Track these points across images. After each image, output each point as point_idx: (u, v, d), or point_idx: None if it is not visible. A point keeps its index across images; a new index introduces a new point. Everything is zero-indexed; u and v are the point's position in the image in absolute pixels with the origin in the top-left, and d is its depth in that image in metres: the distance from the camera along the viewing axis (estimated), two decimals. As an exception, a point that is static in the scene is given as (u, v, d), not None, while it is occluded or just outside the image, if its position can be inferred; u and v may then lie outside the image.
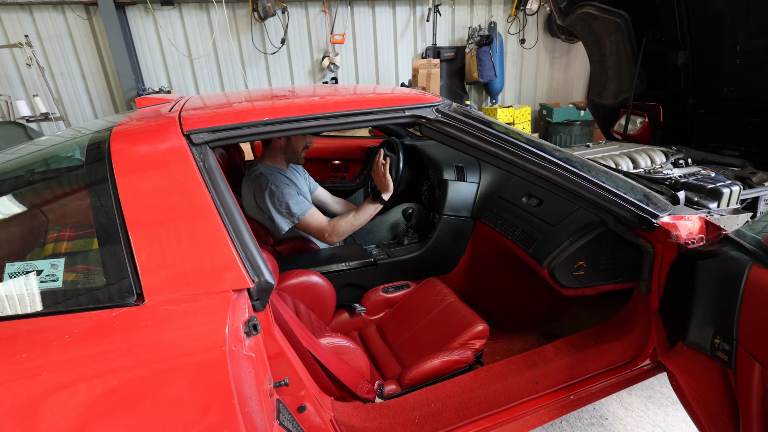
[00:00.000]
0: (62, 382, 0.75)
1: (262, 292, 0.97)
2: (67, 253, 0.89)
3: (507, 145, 1.25)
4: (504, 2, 5.76)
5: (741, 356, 1.07)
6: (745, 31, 2.26)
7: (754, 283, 1.04)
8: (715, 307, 1.16)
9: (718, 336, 1.14)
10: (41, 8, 4.52)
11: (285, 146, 2.03)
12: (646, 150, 2.44)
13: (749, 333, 1.06)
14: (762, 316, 1.02)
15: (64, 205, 0.99)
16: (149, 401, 0.78)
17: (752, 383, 1.03)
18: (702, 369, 1.22)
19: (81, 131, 1.19)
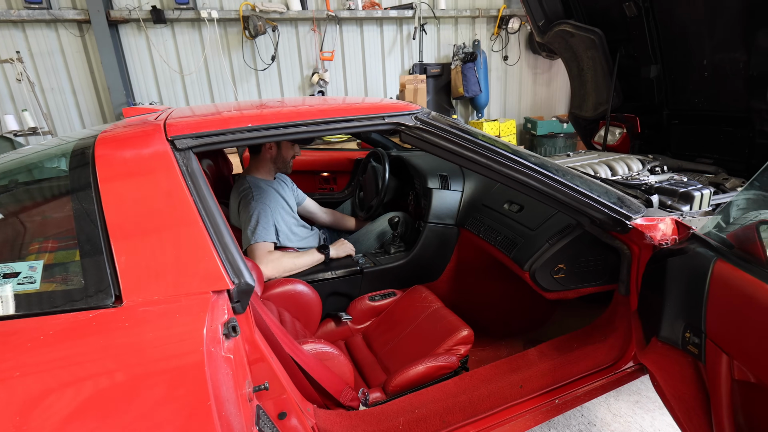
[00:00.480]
0: (35, 384, 0.75)
1: (242, 294, 0.98)
2: (46, 255, 0.90)
3: (484, 151, 1.29)
4: (487, 21, 5.93)
5: (710, 349, 1.10)
6: (710, 46, 2.36)
7: (718, 277, 1.08)
8: (685, 301, 1.20)
9: (688, 330, 1.17)
10: (34, 25, 4.56)
11: (275, 156, 2.08)
12: (623, 158, 2.51)
13: (716, 325, 1.09)
14: (726, 308, 1.06)
15: (46, 208, 1.00)
16: (124, 402, 0.77)
17: (721, 375, 1.06)
18: (675, 364, 1.24)
19: (67, 139, 1.21)
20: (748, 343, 1.02)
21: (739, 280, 1.04)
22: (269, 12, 4.99)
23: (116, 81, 4.69)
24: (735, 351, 1.04)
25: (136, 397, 0.78)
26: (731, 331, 1.05)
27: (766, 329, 0.97)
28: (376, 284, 2.07)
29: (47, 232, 0.97)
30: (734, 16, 2.14)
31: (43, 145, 1.20)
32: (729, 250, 1.11)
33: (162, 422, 0.78)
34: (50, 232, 0.97)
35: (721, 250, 1.12)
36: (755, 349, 1.01)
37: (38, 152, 1.15)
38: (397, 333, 1.83)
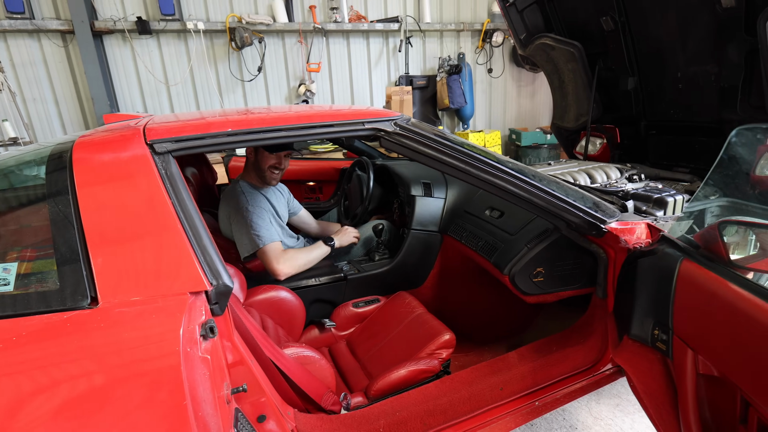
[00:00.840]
0: (8, 385, 0.74)
1: (220, 295, 0.98)
2: (21, 257, 0.90)
3: (462, 156, 1.32)
4: (471, 35, 6.06)
5: (676, 345, 1.13)
6: (683, 59, 2.46)
7: (684, 275, 1.12)
8: (653, 300, 1.24)
9: (656, 327, 1.21)
10: (16, 35, 4.52)
11: (253, 162, 2.06)
12: (602, 166, 2.58)
13: (682, 322, 1.13)
14: (691, 305, 1.10)
15: (22, 211, 1.00)
16: (99, 402, 0.77)
17: (686, 370, 1.09)
18: (645, 361, 1.28)
19: (46, 144, 1.21)
20: (711, 338, 1.06)
21: (703, 278, 1.08)
22: (255, 24, 5.04)
23: (100, 91, 4.66)
24: (699, 346, 1.08)
25: (111, 398, 0.78)
26: (696, 327, 1.09)
27: (727, 324, 1.01)
28: (360, 291, 2.08)
29: (23, 235, 0.96)
30: (705, 31, 2.22)
31: (21, 150, 1.20)
32: (695, 250, 1.16)
33: (137, 422, 0.78)
34: (26, 234, 0.96)
35: (688, 251, 1.17)
36: (717, 343, 1.05)
37: (16, 156, 1.15)
38: (380, 339, 1.83)
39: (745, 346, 0.97)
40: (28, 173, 1.09)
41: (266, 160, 2.01)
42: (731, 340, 1.01)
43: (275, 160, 2.02)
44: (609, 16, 2.60)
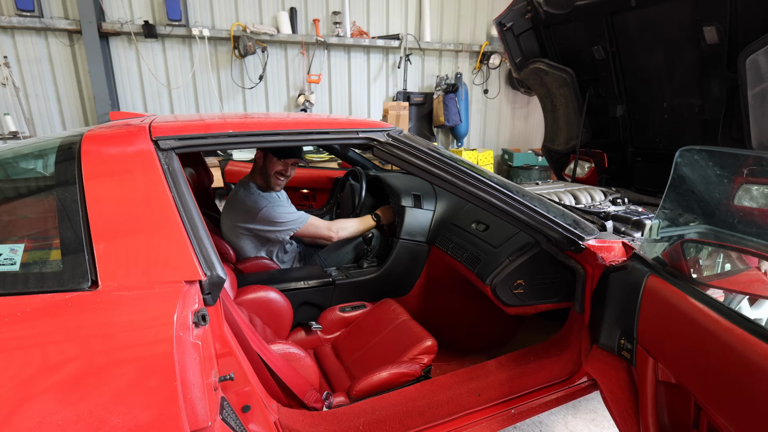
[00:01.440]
0: (10, 356, 0.79)
1: (213, 286, 1.03)
2: (29, 239, 0.95)
3: (450, 168, 1.40)
4: (469, 56, 6.24)
5: (639, 353, 1.21)
6: (669, 90, 2.57)
7: (649, 289, 1.20)
8: (621, 311, 1.31)
9: (623, 337, 1.28)
10: (24, 32, 4.59)
11: (261, 167, 2.15)
12: (587, 189, 2.67)
13: (645, 332, 1.20)
14: (654, 316, 1.18)
15: (31, 197, 1.05)
16: (94, 377, 0.82)
17: (647, 376, 1.16)
18: (612, 369, 1.34)
19: (55, 136, 1.27)
20: (669, 347, 1.13)
21: (665, 292, 1.16)
22: (260, 34, 5.16)
23: (102, 91, 4.73)
24: (659, 354, 1.15)
25: (106, 374, 0.82)
26: (656, 336, 1.17)
27: (683, 334, 1.09)
28: (347, 296, 2.13)
29: (31, 219, 1.02)
30: (690, 65, 2.33)
31: (29, 141, 1.26)
32: (663, 267, 1.24)
33: (129, 399, 0.83)
34: (34, 219, 1.02)
35: (656, 267, 1.25)
36: (674, 352, 1.12)
37: (26, 146, 1.21)
38: (364, 343, 1.88)
39: (697, 354, 1.05)
40: (39, 162, 1.14)
41: (273, 166, 2.11)
42: (686, 348, 1.08)
43: (282, 166, 2.11)
44: (600, 45, 2.71)
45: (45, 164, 1.11)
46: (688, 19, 2.16)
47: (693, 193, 1.33)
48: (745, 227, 1.68)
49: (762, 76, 1.99)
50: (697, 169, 1.34)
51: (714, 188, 1.43)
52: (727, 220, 1.48)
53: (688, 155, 1.31)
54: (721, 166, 1.37)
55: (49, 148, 1.10)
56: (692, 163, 1.32)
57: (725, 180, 1.39)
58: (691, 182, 1.33)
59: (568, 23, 2.79)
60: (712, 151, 1.35)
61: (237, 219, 2.13)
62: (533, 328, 2.25)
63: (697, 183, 1.35)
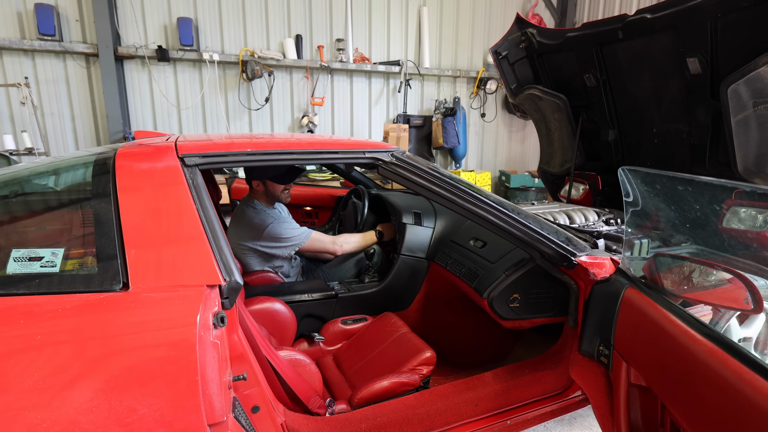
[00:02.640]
0: (52, 347, 0.87)
1: (231, 291, 1.12)
2: (68, 244, 1.04)
3: (449, 187, 1.50)
4: (467, 81, 6.47)
5: (615, 358, 1.30)
6: (658, 116, 2.68)
7: (627, 299, 1.30)
8: (601, 320, 1.40)
9: (602, 344, 1.37)
10: (44, 55, 4.81)
11: (264, 191, 2.28)
12: (581, 209, 2.78)
13: (621, 339, 1.29)
14: (629, 324, 1.27)
15: (71, 206, 1.15)
16: (124, 369, 0.90)
17: (620, 379, 1.25)
18: (592, 374, 1.43)
19: (87, 152, 1.38)
20: (639, 351, 1.23)
21: (639, 301, 1.26)
22: (267, 58, 5.37)
23: (115, 110, 4.91)
24: (631, 358, 1.24)
25: (135, 367, 0.91)
26: (629, 342, 1.26)
27: (651, 338, 1.18)
28: (349, 309, 2.21)
29: (70, 227, 1.11)
30: (676, 92, 2.44)
31: (67, 155, 1.37)
32: (642, 280, 1.34)
33: (155, 390, 0.91)
34: (73, 226, 1.11)
35: (635, 280, 1.35)
36: (643, 355, 1.21)
37: (63, 161, 1.32)
38: (365, 354, 1.95)
39: (660, 355, 1.14)
40: (76, 176, 1.25)
41: (277, 188, 2.26)
42: (652, 351, 1.17)
43: (285, 185, 2.27)
44: (591, 74, 2.84)
45: (82, 177, 1.21)
46: (672, 51, 2.27)
47: (643, 208, 1.44)
48: (735, 249, 1.77)
49: (743, 105, 2.10)
50: (636, 187, 1.44)
51: (650, 203, 1.50)
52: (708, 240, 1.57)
53: (627, 174, 1.41)
54: (654, 186, 1.45)
55: (84, 163, 1.21)
56: (630, 181, 1.42)
57: (654, 197, 1.47)
58: (637, 198, 1.43)
59: (560, 52, 2.92)
60: (648, 173, 1.45)
61: (243, 237, 2.22)
62: (530, 343, 2.32)
63: (642, 199, 1.44)
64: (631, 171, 1.41)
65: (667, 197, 1.43)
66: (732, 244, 1.80)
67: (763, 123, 2.02)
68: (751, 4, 1.82)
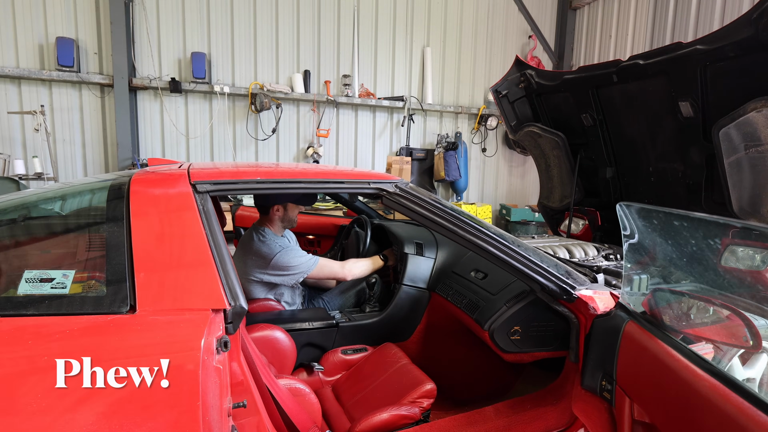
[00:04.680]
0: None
1: (235, 315, 1.14)
2: (79, 266, 1.07)
3: (450, 218, 1.54)
4: (468, 117, 6.65)
5: (618, 393, 1.29)
6: (654, 156, 2.74)
7: (627, 334, 1.31)
8: (603, 354, 1.40)
9: (604, 378, 1.36)
10: (61, 85, 5.01)
11: (283, 216, 2.33)
12: (581, 244, 2.80)
13: (623, 374, 1.29)
14: (631, 359, 1.27)
15: (83, 230, 1.18)
16: (126, 391, 0.91)
17: (624, 415, 1.23)
18: (595, 409, 1.41)
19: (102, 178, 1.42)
20: (642, 387, 1.22)
21: (640, 336, 1.27)
22: (275, 92, 5.55)
23: (126, 138, 5.04)
24: (634, 394, 1.23)
25: (137, 390, 0.91)
26: (632, 378, 1.26)
27: (654, 374, 1.18)
28: (349, 339, 2.20)
29: (82, 249, 1.14)
30: (670, 133, 2.50)
31: (82, 181, 1.41)
32: (642, 315, 1.35)
33: (156, 414, 0.91)
34: (85, 249, 1.14)
35: (635, 314, 1.36)
36: (646, 390, 1.20)
37: (77, 186, 1.36)
38: (365, 386, 1.92)
39: (663, 392, 1.13)
40: (90, 200, 1.29)
41: (294, 211, 2.32)
42: (656, 388, 1.17)
43: (299, 208, 2.35)
44: (588, 113, 2.91)
45: (97, 201, 1.25)
46: (665, 94, 2.35)
47: (641, 243, 1.46)
48: (733, 287, 1.78)
49: (735, 147, 2.15)
50: (634, 222, 1.47)
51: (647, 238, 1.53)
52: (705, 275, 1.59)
53: (625, 209, 1.45)
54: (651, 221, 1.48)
55: (99, 188, 1.25)
56: (628, 216, 1.46)
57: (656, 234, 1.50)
58: (635, 234, 1.46)
59: (557, 93, 3.01)
60: (645, 208, 1.48)
61: (250, 266, 2.23)
62: (532, 377, 2.28)
63: (641, 235, 1.47)
64: (629, 206, 1.44)
65: (664, 232, 1.46)
66: (731, 283, 1.82)
67: (756, 165, 2.06)
68: (737, 54, 1.89)
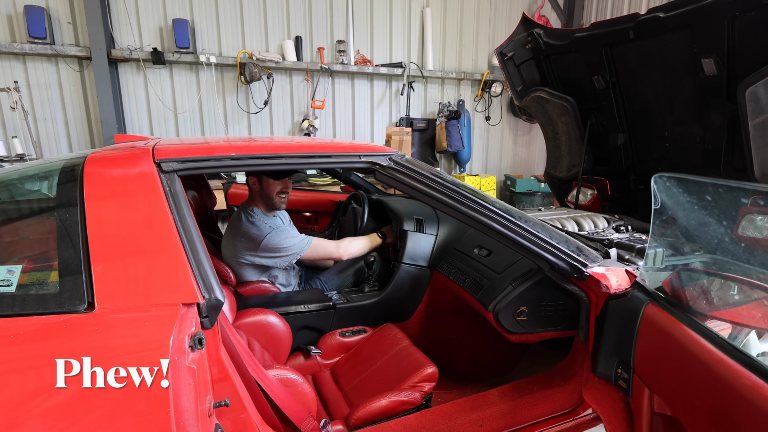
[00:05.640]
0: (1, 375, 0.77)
1: (211, 309, 1.02)
2: (27, 260, 0.94)
3: (452, 193, 1.40)
4: (471, 84, 6.36)
5: (636, 383, 1.18)
6: (670, 120, 2.58)
7: (647, 318, 1.18)
8: (619, 340, 1.29)
9: (620, 366, 1.25)
10: (35, 59, 4.72)
11: (259, 191, 2.13)
12: (590, 215, 2.66)
13: (642, 362, 1.17)
14: (651, 346, 1.15)
15: (31, 218, 1.05)
16: (85, 402, 0.80)
17: (642, 407, 1.13)
18: (609, 398, 1.31)
19: (59, 158, 1.28)
20: (664, 377, 1.11)
21: (662, 321, 1.14)
22: (265, 61, 5.29)
23: (110, 115, 4.82)
24: (654, 384, 1.12)
25: (97, 399, 0.80)
26: (652, 367, 1.14)
27: (677, 364, 1.06)
28: (347, 321, 2.10)
29: (32, 241, 1.01)
30: (690, 95, 2.34)
31: (37, 162, 1.27)
32: (662, 295, 1.22)
33: (120, 425, 0.80)
34: (33, 240, 1.01)
35: (655, 296, 1.23)
36: (669, 383, 1.09)
37: (31, 167, 1.22)
38: (364, 369, 1.84)
39: (691, 385, 1.02)
40: (42, 184, 1.15)
41: (273, 188, 2.10)
42: (680, 379, 1.06)
43: (281, 185, 2.11)
44: (600, 75, 2.74)
45: (48, 185, 1.11)
46: (686, 51, 2.18)
47: (676, 220, 1.32)
48: (750, 257, 1.66)
49: (762, 108, 2.00)
50: (673, 196, 1.33)
51: (691, 215, 1.41)
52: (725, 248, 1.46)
53: (661, 182, 1.30)
54: (691, 193, 1.35)
55: (53, 169, 1.11)
56: (667, 190, 1.31)
57: (696, 207, 1.37)
58: (672, 209, 1.32)
59: (568, 54, 2.83)
60: (686, 179, 1.33)
61: (240, 249, 2.10)
62: (536, 356, 2.20)
63: (677, 210, 1.33)
64: (670, 178, 1.29)
65: (711, 207, 1.31)
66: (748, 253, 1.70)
67: (785, 127, 1.91)
68: (771, 2, 1.72)
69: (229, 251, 2.13)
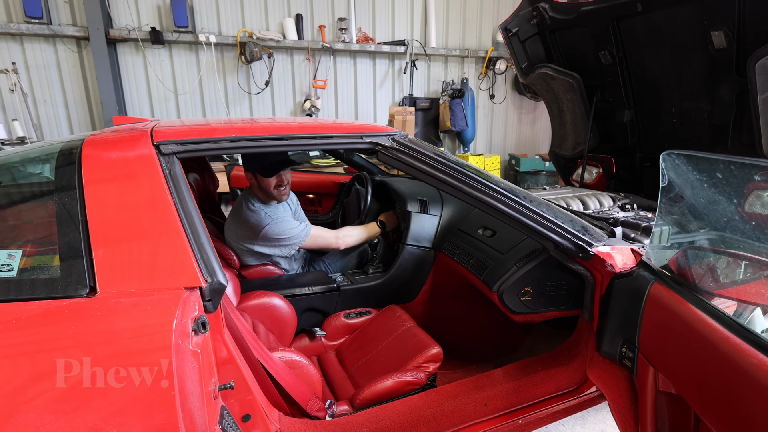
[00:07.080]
0: (2, 364, 0.77)
1: (214, 292, 1.01)
2: (27, 245, 0.94)
3: (454, 172, 1.37)
4: (475, 61, 6.23)
5: (640, 362, 1.18)
6: (678, 95, 2.53)
7: (653, 297, 1.17)
8: (624, 318, 1.28)
9: (625, 345, 1.25)
10: (32, 39, 4.65)
11: (257, 186, 2.07)
12: (595, 194, 2.63)
13: (647, 340, 1.17)
14: (657, 325, 1.15)
15: (31, 202, 1.04)
16: (89, 387, 0.80)
17: (647, 386, 1.13)
18: (613, 377, 1.31)
19: (58, 141, 1.26)
20: (670, 356, 1.11)
21: (668, 300, 1.13)
22: (266, 40, 5.18)
23: (110, 96, 4.76)
24: (659, 363, 1.12)
25: (102, 383, 0.80)
26: (657, 345, 1.14)
27: (683, 342, 1.06)
28: (352, 302, 2.11)
29: (31, 225, 1.01)
30: (698, 69, 2.29)
31: (36, 145, 1.25)
32: (668, 274, 1.21)
33: (125, 409, 0.81)
34: (33, 224, 1.00)
35: (661, 274, 1.22)
36: (674, 361, 1.09)
37: (30, 150, 1.20)
38: (369, 350, 1.85)
39: (696, 363, 1.02)
40: (41, 167, 1.14)
41: (268, 183, 2.02)
42: (685, 357, 1.05)
43: (276, 179, 2.03)
44: (607, 50, 2.68)
45: (47, 169, 1.10)
46: (695, 24, 2.13)
47: (684, 198, 1.30)
48: (757, 234, 1.63)
49: (773, 81, 1.95)
50: (682, 174, 1.31)
51: (701, 193, 1.39)
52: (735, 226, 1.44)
53: (670, 159, 1.27)
54: (701, 171, 1.32)
55: (51, 152, 1.09)
56: (676, 167, 1.28)
57: (705, 185, 1.34)
58: (680, 187, 1.30)
59: (574, 28, 2.76)
60: (696, 156, 1.30)
61: (240, 236, 2.09)
62: (541, 335, 2.21)
63: (686, 188, 1.31)
64: (679, 156, 1.26)
65: (722, 184, 1.28)
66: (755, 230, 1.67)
67: (796, 101, 1.87)
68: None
69: (231, 236, 2.13)
